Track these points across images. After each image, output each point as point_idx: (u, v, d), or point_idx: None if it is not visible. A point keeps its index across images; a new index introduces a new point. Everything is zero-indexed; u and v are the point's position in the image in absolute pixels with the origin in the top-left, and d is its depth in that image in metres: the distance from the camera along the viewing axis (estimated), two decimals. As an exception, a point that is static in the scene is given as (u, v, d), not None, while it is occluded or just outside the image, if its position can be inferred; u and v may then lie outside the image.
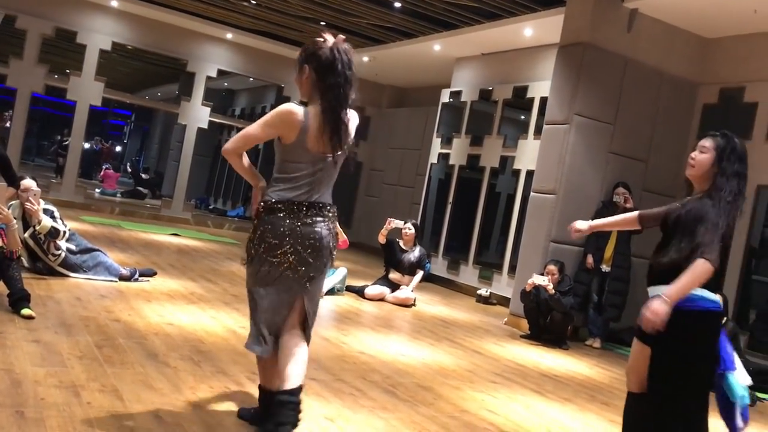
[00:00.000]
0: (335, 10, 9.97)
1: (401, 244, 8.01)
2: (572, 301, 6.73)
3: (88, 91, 11.84)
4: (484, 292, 9.20)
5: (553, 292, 6.52)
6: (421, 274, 8.00)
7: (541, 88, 9.05)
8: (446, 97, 11.20)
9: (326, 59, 2.98)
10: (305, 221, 3.02)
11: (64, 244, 5.77)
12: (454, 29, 9.84)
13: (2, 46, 13.89)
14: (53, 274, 5.69)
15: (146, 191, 16.44)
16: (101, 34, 11.95)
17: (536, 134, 8.89)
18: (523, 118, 9.78)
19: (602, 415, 4.51)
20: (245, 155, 3.12)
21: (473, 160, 10.30)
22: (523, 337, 6.93)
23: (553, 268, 6.71)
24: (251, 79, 14.52)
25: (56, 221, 5.64)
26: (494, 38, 9.61)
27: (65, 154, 12.99)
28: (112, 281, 5.91)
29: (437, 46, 10.55)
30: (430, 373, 4.82)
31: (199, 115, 12.87)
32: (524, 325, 7.04)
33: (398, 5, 9.34)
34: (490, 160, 9.96)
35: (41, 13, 11.41)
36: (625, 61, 7.47)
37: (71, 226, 6.24)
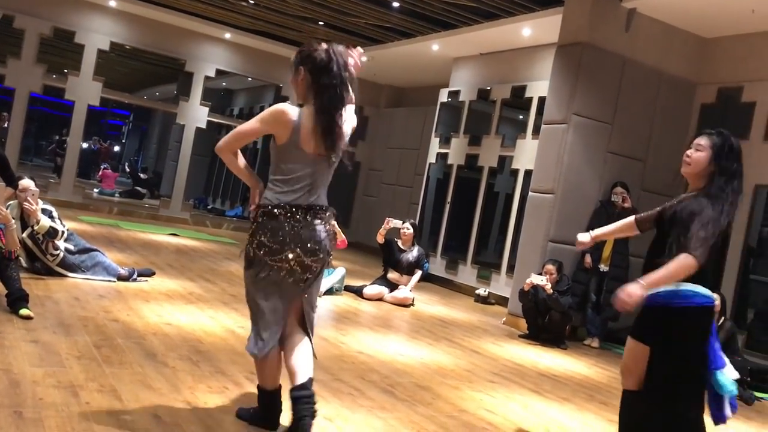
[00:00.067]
0: (333, 9, 9.97)
1: (400, 243, 8.01)
2: (570, 300, 6.74)
3: (86, 91, 11.84)
4: (482, 291, 9.21)
5: (551, 291, 6.52)
6: (419, 273, 8.00)
7: (539, 87, 9.06)
8: (444, 96, 11.21)
9: (321, 60, 3.01)
10: (305, 225, 3.03)
11: (62, 244, 5.77)
12: (452, 29, 9.85)
13: (0, 45, 13.87)
14: (51, 274, 5.68)
15: (145, 191, 16.43)
16: (99, 33, 11.95)
17: (534, 134, 8.90)
18: (521, 117, 9.79)
19: (601, 414, 4.52)
20: (241, 155, 3.12)
21: (472, 159, 10.30)
22: (521, 336, 6.94)
23: (551, 267, 6.72)
24: (249, 78, 14.50)
25: (55, 221, 5.63)
26: (492, 38, 9.61)
27: (63, 153, 12.98)
28: (110, 281, 5.91)
29: (435, 45, 10.56)
30: (428, 372, 4.83)
31: (197, 114, 12.87)
32: (523, 324, 7.05)
33: (396, 5, 9.34)
34: (488, 159, 9.97)
35: (39, 12, 11.40)
36: (623, 60, 7.48)
37: (69, 226, 6.24)
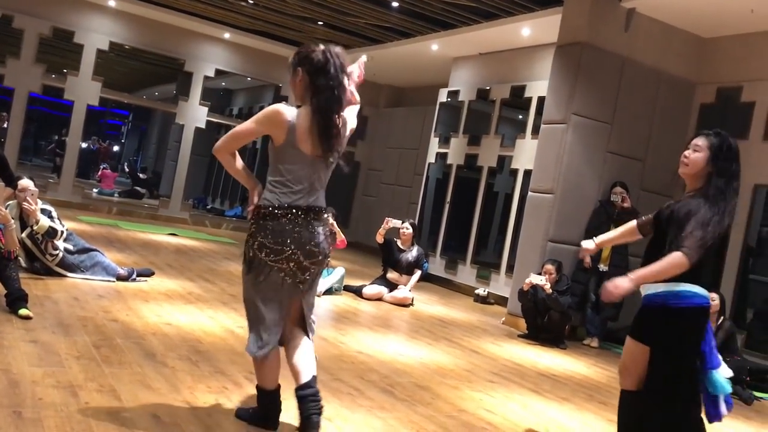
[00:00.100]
0: (333, 9, 9.97)
1: (399, 243, 8.01)
2: (570, 300, 6.74)
3: (85, 90, 11.83)
4: (481, 291, 9.21)
5: (550, 291, 6.52)
6: (419, 273, 8.00)
7: (538, 87, 9.05)
8: (444, 96, 11.20)
9: (318, 62, 3.03)
10: (305, 226, 3.05)
11: (61, 244, 5.76)
12: (451, 29, 9.84)
13: (-1, 45, 13.88)
14: (51, 274, 5.68)
15: (144, 191, 16.42)
16: (99, 33, 11.94)
17: (534, 134, 8.89)
18: (520, 117, 9.79)
19: (600, 414, 4.52)
20: (238, 156, 3.13)
21: (471, 159, 10.30)
22: (520, 336, 6.94)
23: (550, 267, 6.72)
24: (249, 78, 14.50)
25: (54, 221, 5.63)
26: (492, 38, 9.61)
27: (63, 153, 12.97)
28: (109, 281, 5.90)
29: (435, 45, 10.56)
30: (428, 372, 4.83)
31: (196, 114, 12.86)
32: (522, 324, 7.05)
33: (396, 5, 9.34)
34: (487, 159, 9.97)
35: (38, 12, 11.40)
36: (622, 60, 7.48)
37: (69, 226, 6.23)
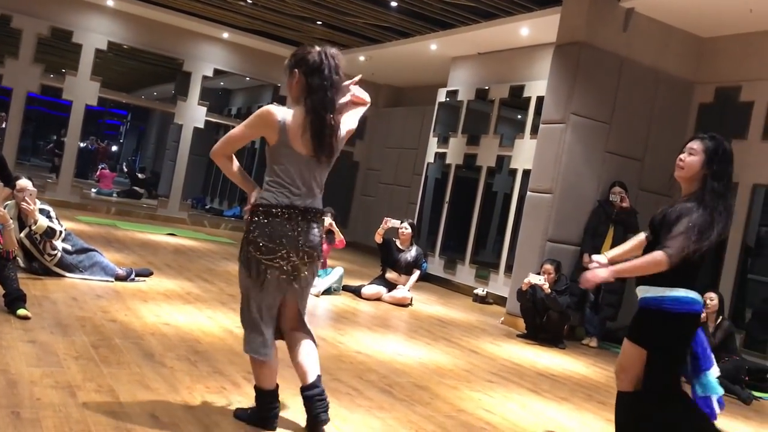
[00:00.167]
0: (331, 9, 9.96)
1: (398, 243, 8.01)
2: (569, 300, 6.74)
3: (84, 90, 11.83)
4: (480, 291, 9.21)
5: (549, 291, 6.52)
6: (417, 273, 7.99)
7: (537, 87, 9.05)
8: (443, 96, 11.20)
9: (314, 62, 3.07)
10: (301, 227, 3.07)
11: (60, 244, 5.75)
12: (450, 28, 9.84)
13: (-2, 45, 13.85)
14: (49, 274, 5.67)
15: (142, 191, 16.41)
16: (97, 33, 11.93)
17: (533, 133, 8.90)
18: (519, 117, 9.78)
19: (599, 414, 4.52)
20: (235, 159, 3.16)
21: (470, 159, 10.30)
22: (519, 336, 6.94)
23: (549, 267, 6.72)
24: (247, 78, 14.48)
25: (52, 221, 5.61)
26: (491, 38, 9.61)
27: (61, 153, 12.96)
28: (108, 281, 5.90)
29: (434, 45, 10.55)
30: (426, 372, 4.82)
31: (195, 114, 12.86)
32: (521, 324, 7.04)
33: (395, 4, 9.34)
34: (486, 159, 9.96)
35: (37, 12, 11.39)
36: (621, 60, 7.48)
37: (67, 226, 6.22)
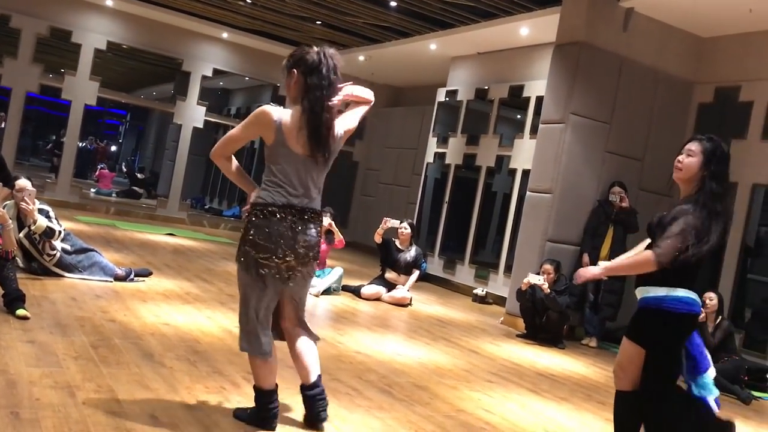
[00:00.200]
0: (331, 9, 9.96)
1: (397, 243, 8.00)
2: (568, 300, 6.74)
3: (83, 90, 11.82)
4: (480, 291, 9.20)
5: (548, 291, 6.52)
6: (417, 273, 7.98)
7: (537, 87, 9.05)
8: (442, 96, 11.20)
9: (313, 62, 3.09)
10: (298, 227, 3.08)
11: (59, 244, 5.75)
12: (450, 28, 9.84)
13: (-3, 45, 13.84)
14: (48, 274, 5.67)
15: (142, 191, 16.40)
16: (96, 33, 11.92)
17: (532, 133, 8.90)
18: (519, 117, 9.78)
19: (598, 414, 4.52)
20: (234, 160, 3.19)
21: (469, 159, 10.30)
22: (519, 336, 6.94)
23: (549, 267, 6.72)
24: (247, 78, 14.48)
25: (51, 221, 5.61)
26: (490, 37, 9.61)
27: (60, 153, 12.95)
28: (107, 281, 5.89)
29: (433, 45, 10.55)
30: (426, 372, 4.82)
31: (194, 114, 12.85)
32: (520, 324, 7.04)
33: (394, 4, 9.33)
34: (486, 159, 9.96)
35: (36, 12, 11.38)
36: (620, 60, 7.48)
37: (66, 226, 6.22)
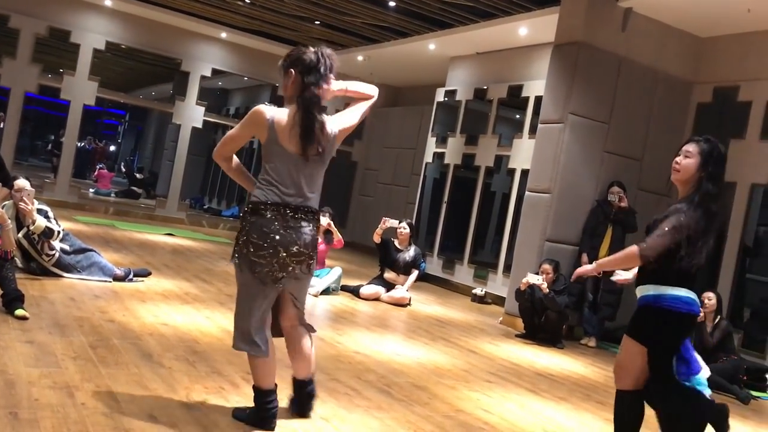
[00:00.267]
0: (330, 9, 9.96)
1: (396, 243, 8.00)
2: (567, 300, 6.74)
3: (81, 90, 11.81)
4: (479, 291, 9.20)
5: (547, 291, 6.52)
6: (416, 273, 7.98)
7: (535, 87, 9.06)
8: (441, 96, 11.20)
9: (311, 61, 3.11)
10: (292, 225, 3.08)
11: (58, 244, 5.74)
12: (448, 28, 9.84)
13: (-5, 45, 13.82)
14: (47, 274, 5.66)
15: (141, 191, 16.39)
16: (95, 33, 11.92)
17: (531, 133, 8.89)
18: (518, 117, 9.79)
19: (598, 414, 4.52)
20: (236, 159, 3.24)
21: (468, 159, 10.30)
22: (518, 336, 6.94)
23: (547, 267, 6.72)
24: (246, 78, 14.48)
25: (50, 221, 5.60)
26: (489, 37, 9.61)
27: (59, 153, 12.94)
28: (106, 281, 5.89)
29: (432, 45, 10.55)
30: (425, 372, 4.82)
31: (193, 114, 12.84)
32: (519, 324, 7.05)
33: (393, 4, 9.33)
34: (485, 159, 9.97)
35: (35, 12, 11.37)
36: (619, 60, 7.48)
37: (65, 226, 6.21)
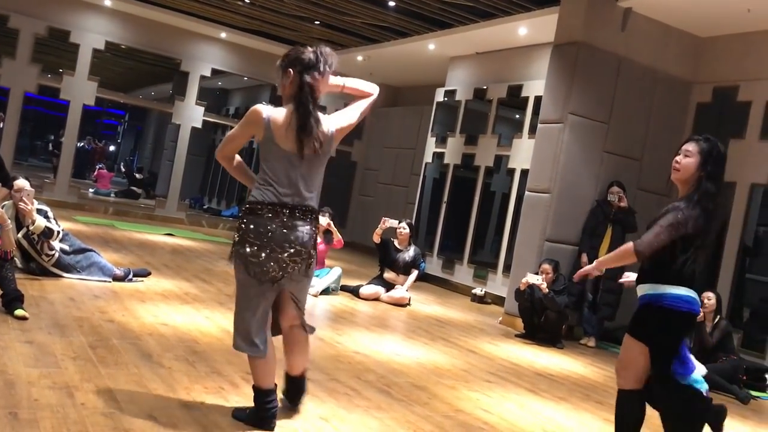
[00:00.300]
0: (329, 9, 9.96)
1: (396, 243, 8.00)
2: (566, 300, 6.74)
3: (81, 90, 11.81)
4: (478, 291, 9.20)
5: (547, 291, 6.52)
6: (415, 273, 7.98)
7: (535, 87, 9.06)
8: (441, 96, 11.20)
9: (310, 60, 3.11)
10: (287, 224, 3.07)
11: (57, 244, 5.74)
12: (448, 28, 9.84)
13: (-5, 45, 13.82)
14: (47, 274, 5.66)
15: (140, 191, 16.38)
16: (94, 33, 11.92)
17: (531, 133, 8.90)
18: (517, 117, 9.79)
19: (597, 414, 4.52)
20: (238, 158, 3.26)
21: (468, 159, 10.30)
22: (517, 336, 6.94)
23: (547, 267, 6.72)
24: (245, 78, 14.48)
25: (50, 221, 5.60)
26: (489, 37, 9.61)
27: (58, 153, 12.94)
28: (105, 281, 5.89)
29: (432, 45, 10.55)
30: (424, 372, 4.82)
31: (193, 114, 12.84)
32: (519, 324, 7.05)
33: (392, 4, 9.33)
34: (484, 159, 9.97)
35: (34, 12, 11.37)
36: (619, 60, 7.49)
37: (65, 226, 6.21)
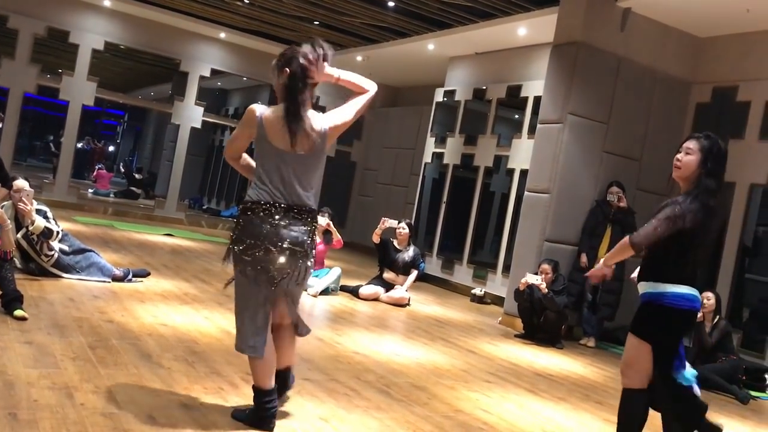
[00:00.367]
0: (329, 9, 9.96)
1: (395, 243, 8.00)
2: (566, 300, 6.74)
3: (80, 90, 11.81)
4: (478, 291, 9.21)
5: (546, 291, 6.52)
6: (415, 273, 7.98)
7: (534, 87, 9.06)
8: (440, 96, 11.21)
9: (304, 54, 3.10)
10: (281, 223, 3.07)
11: (57, 244, 5.74)
12: (447, 28, 9.84)
13: (-6, 45, 13.82)
14: (46, 274, 5.66)
15: (139, 191, 16.38)
16: (94, 33, 11.91)
17: (530, 133, 8.90)
18: (517, 117, 9.80)
19: (597, 414, 4.52)
20: (246, 157, 3.29)
21: (467, 159, 10.30)
22: (517, 336, 6.94)
23: (546, 267, 6.72)
24: (245, 78, 14.49)
25: (49, 222, 5.60)
26: (488, 37, 9.61)
27: (58, 153, 12.94)
28: (105, 282, 5.88)
29: (431, 45, 10.55)
30: (424, 372, 4.82)
31: (192, 114, 12.84)
32: (518, 324, 7.05)
33: (392, 4, 9.33)
34: (484, 159, 9.97)
35: (33, 12, 11.36)
36: (618, 60, 7.49)
37: (64, 226, 6.21)
